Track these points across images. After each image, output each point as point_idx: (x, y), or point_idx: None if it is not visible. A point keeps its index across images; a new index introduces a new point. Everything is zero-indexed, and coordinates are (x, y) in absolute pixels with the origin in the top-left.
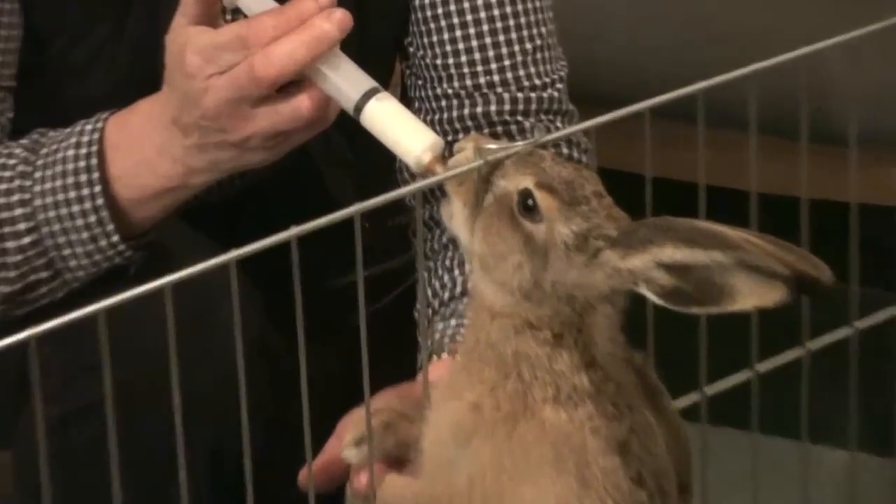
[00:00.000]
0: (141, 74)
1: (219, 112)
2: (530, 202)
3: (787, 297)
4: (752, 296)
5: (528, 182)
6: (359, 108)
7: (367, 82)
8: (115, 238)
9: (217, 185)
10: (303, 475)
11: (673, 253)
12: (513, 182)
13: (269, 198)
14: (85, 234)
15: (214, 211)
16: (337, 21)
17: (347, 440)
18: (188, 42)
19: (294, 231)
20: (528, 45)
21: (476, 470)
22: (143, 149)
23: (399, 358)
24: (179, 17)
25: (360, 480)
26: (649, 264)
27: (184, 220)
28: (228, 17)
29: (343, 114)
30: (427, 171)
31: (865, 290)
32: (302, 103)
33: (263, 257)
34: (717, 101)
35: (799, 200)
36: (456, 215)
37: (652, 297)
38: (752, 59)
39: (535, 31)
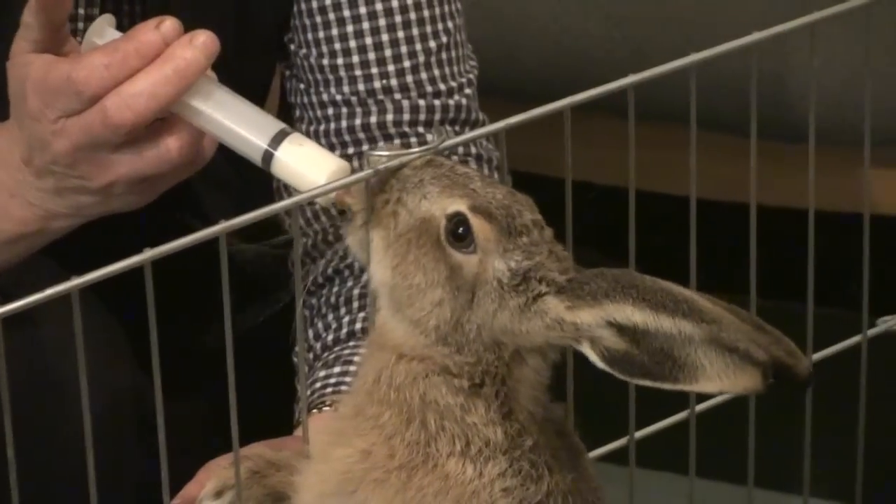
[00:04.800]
0: None
1: (73, 158)
2: (462, 229)
3: (761, 387)
4: (719, 378)
5: (460, 205)
6: (267, 157)
7: (271, 124)
8: None
9: None
10: None
11: (632, 314)
12: (439, 204)
13: (141, 226)
14: None
15: (76, 244)
16: (201, 46)
17: (208, 489)
18: (28, 77)
19: (148, 254)
20: (432, 43)
21: None
22: None
23: (274, 408)
24: (20, 41)
25: None
26: (600, 321)
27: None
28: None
29: None
30: (335, 203)
31: (825, 311)
32: (170, 145)
33: (138, 292)
34: (654, 93)
35: (748, 207)
36: (359, 237)
37: (594, 360)
38: (693, 47)
39: (440, 25)
